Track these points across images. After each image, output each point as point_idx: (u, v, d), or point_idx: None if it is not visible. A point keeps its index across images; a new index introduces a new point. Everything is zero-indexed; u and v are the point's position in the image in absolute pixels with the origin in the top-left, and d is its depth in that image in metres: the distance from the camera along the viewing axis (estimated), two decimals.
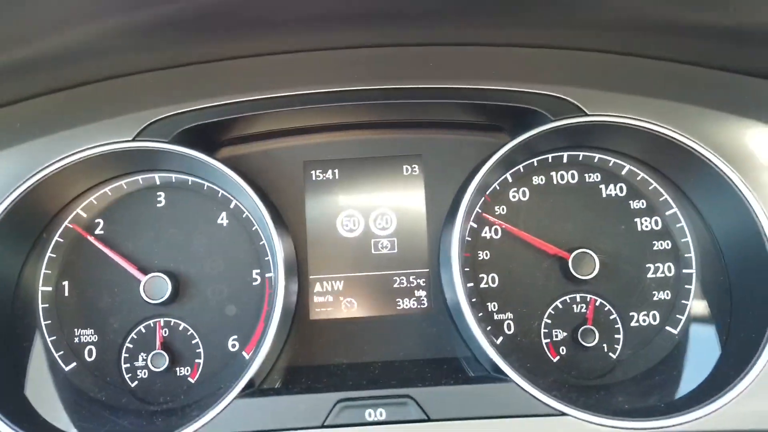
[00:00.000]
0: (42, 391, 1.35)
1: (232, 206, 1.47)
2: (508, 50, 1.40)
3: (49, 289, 1.44)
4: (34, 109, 1.39)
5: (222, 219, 1.50)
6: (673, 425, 1.16)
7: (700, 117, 1.35)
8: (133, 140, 1.36)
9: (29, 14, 1.06)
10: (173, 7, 1.10)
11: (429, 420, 1.18)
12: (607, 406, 1.22)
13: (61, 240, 1.45)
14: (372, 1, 1.20)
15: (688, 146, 1.33)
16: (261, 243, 1.46)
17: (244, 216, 1.47)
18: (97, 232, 1.47)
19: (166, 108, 1.38)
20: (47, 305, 1.43)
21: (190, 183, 1.48)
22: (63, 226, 1.46)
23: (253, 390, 1.24)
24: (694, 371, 1.34)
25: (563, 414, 1.16)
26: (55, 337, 1.44)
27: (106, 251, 1.44)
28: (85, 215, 1.46)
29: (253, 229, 1.47)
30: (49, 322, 1.44)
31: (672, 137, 1.34)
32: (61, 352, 1.44)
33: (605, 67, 1.39)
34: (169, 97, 1.38)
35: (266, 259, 1.44)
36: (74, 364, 1.44)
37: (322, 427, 1.19)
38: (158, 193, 1.51)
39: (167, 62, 1.38)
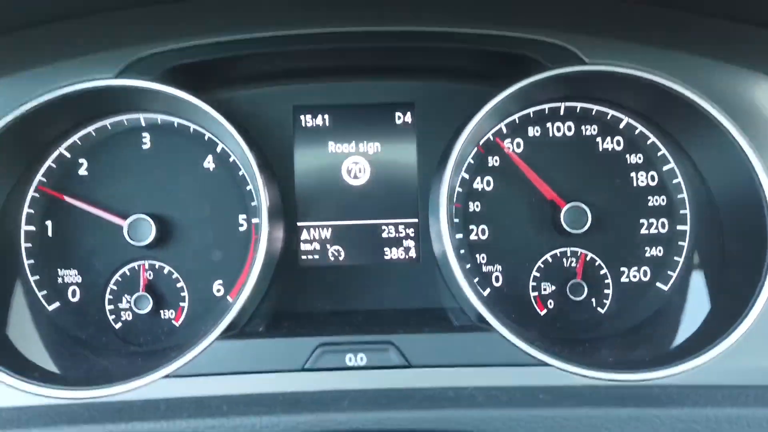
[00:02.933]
0: (24, 331, 1.37)
1: (218, 150, 1.47)
2: None
3: (33, 228, 1.44)
4: (12, 44, 1.36)
5: (208, 162, 1.50)
6: (657, 378, 1.18)
7: (703, 68, 1.33)
8: (116, 77, 1.34)
9: None
10: None
11: (410, 366, 1.20)
12: (591, 359, 1.24)
13: (45, 180, 1.43)
14: None
15: (690, 98, 1.31)
16: (248, 188, 1.46)
17: (230, 160, 1.46)
18: (81, 172, 1.46)
19: (151, 45, 1.36)
20: (30, 245, 1.44)
21: (176, 125, 1.48)
22: (46, 165, 1.45)
23: (234, 332, 1.24)
24: (683, 327, 1.36)
25: (546, 364, 1.17)
26: (38, 277, 1.46)
27: (82, 205, 1.45)
28: (68, 155, 1.45)
29: (240, 173, 1.47)
30: (32, 261, 1.46)
31: (673, 89, 1.32)
32: (44, 292, 1.46)
33: (605, 14, 1.36)
34: (154, 35, 1.36)
35: (253, 204, 1.45)
36: (57, 304, 1.47)
37: (303, 370, 1.20)
38: (143, 135, 1.50)
39: None
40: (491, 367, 1.21)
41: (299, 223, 1.51)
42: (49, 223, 1.48)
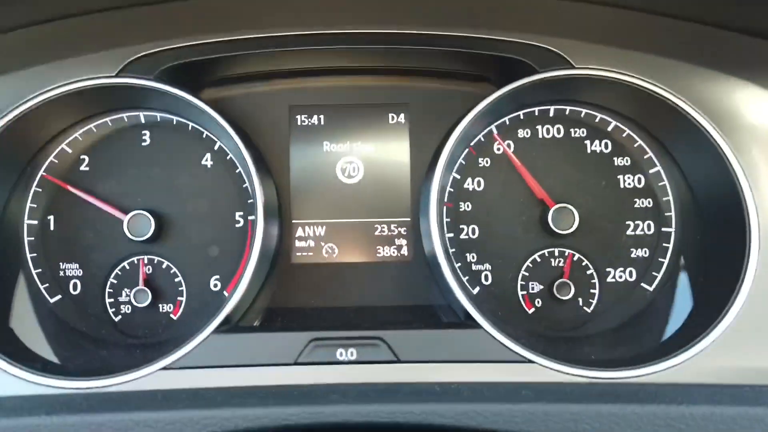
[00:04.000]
0: (26, 322, 1.42)
1: (216, 148, 1.51)
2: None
3: (35, 222, 1.49)
4: (14, 41, 1.41)
5: (206, 160, 1.54)
6: (637, 376, 1.22)
7: (689, 74, 1.37)
8: (116, 76, 1.38)
9: None
10: None
11: (398, 361, 1.24)
12: (574, 356, 1.29)
13: (45, 176, 1.48)
14: None
15: (675, 104, 1.35)
16: (244, 186, 1.50)
17: (228, 158, 1.50)
18: (82, 168, 1.51)
19: (150, 44, 1.39)
20: (33, 238, 1.49)
21: (174, 123, 1.52)
22: (48, 161, 1.50)
23: (230, 326, 1.29)
24: (665, 326, 1.40)
25: (530, 361, 1.21)
26: (40, 270, 1.50)
27: (84, 196, 1.49)
28: (70, 151, 1.50)
29: (237, 171, 1.51)
30: (35, 255, 1.50)
31: (659, 94, 1.36)
32: (47, 285, 1.50)
33: (594, 19, 1.40)
34: (153, 34, 1.40)
35: (249, 201, 1.48)
36: (59, 296, 1.51)
37: (295, 364, 1.24)
38: (143, 132, 1.54)
39: None
40: (477, 363, 1.25)
41: (294, 221, 1.56)
42: (51, 217, 1.52)
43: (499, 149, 1.54)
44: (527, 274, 1.55)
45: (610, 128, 1.54)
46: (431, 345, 1.26)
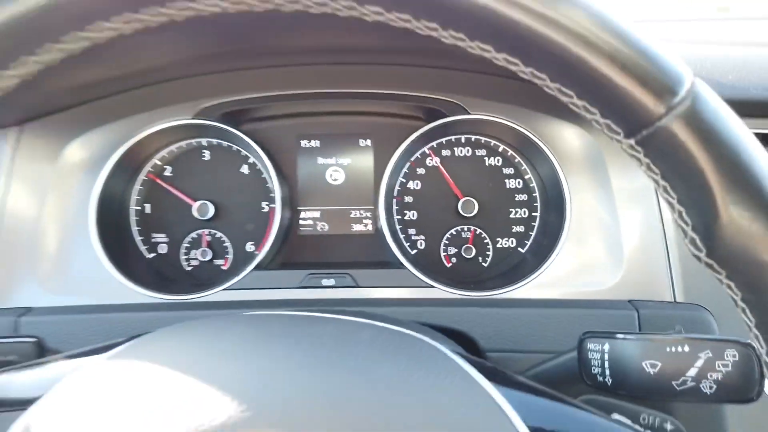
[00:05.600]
0: (135, 268, 1.82)
1: (250, 161, 1.93)
2: (424, 70, 1.80)
3: (138, 208, 1.93)
4: (125, 99, 1.78)
5: (243, 168, 1.96)
6: (497, 293, 1.70)
7: (534, 117, 1.78)
8: (192, 118, 1.80)
9: (141, 53, 1.51)
10: (241, 45, 1.61)
11: (358, 286, 1.73)
12: (461, 286, 1.74)
13: (145, 178, 1.92)
14: (338, 39, 1.58)
15: (528, 136, 1.79)
16: (267, 185, 1.92)
17: (257, 168, 1.93)
18: (167, 174, 1.95)
19: (211, 99, 1.80)
20: (137, 218, 1.93)
21: (224, 145, 1.94)
22: (146, 169, 1.92)
23: (260, 269, 1.80)
24: (525, 272, 1.78)
25: (432, 286, 1.73)
26: (141, 238, 1.94)
27: (169, 188, 1.93)
28: (160, 163, 1.93)
29: (263, 176, 1.93)
30: (138, 228, 1.94)
31: (520, 129, 1.80)
32: (145, 247, 1.94)
33: (482, 83, 1.76)
34: (212, 93, 1.81)
35: (271, 195, 1.89)
36: (153, 254, 1.94)
37: (298, 287, 1.72)
38: (204, 151, 1.97)
39: (208, 71, 1.80)
40: (403, 288, 1.72)
41: (299, 208, 1.97)
42: (147, 205, 1.94)
43: (431, 162, 1.99)
44: (447, 242, 1.97)
45: (500, 149, 1.95)
46: (378, 277, 1.74)
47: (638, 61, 0.51)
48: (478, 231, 2.00)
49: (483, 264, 2.00)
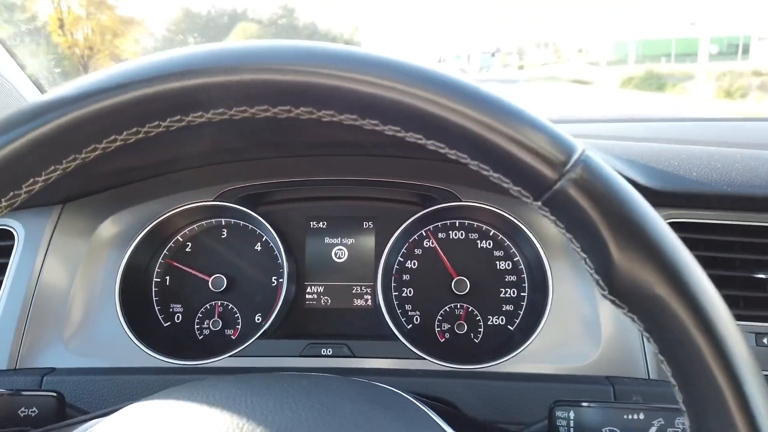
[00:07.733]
0: (152, 335, 1.95)
1: (263, 239, 2.09)
2: (420, 161, 1.98)
3: (158, 280, 2.08)
4: (155, 182, 1.99)
5: (257, 246, 2.12)
6: (480, 366, 1.78)
7: (521, 205, 1.91)
8: (213, 200, 2.01)
9: (171, 146, 1.83)
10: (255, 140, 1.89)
11: (354, 356, 1.83)
12: (451, 359, 1.82)
13: (167, 253, 2.09)
14: (340, 136, 1.77)
15: (514, 221, 1.94)
16: (278, 261, 2.05)
17: (270, 245, 2.07)
18: (187, 250, 2.12)
19: (230, 184, 2.02)
20: (157, 289, 2.07)
21: (241, 224, 2.10)
22: (169, 245, 2.09)
23: (266, 338, 1.89)
24: (513, 346, 2.00)
25: (424, 358, 1.82)
26: (159, 307, 2.09)
27: (185, 269, 2.14)
28: (181, 240, 2.10)
29: (274, 254, 2.07)
30: (158, 298, 2.08)
31: (507, 216, 1.94)
32: (163, 316, 2.08)
33: (472, 173, 1.60)
34: (232, 178, 2.02)
35: (280, 271, 2.02)
36: (169, 323, 2.07)
37: (298, 356, 1.84)
38: (222, 230, 2.15)
39: (228, 160, 2.01)
40: (396, 359, 1.82)
41: (306, 283, 2.11)
42: (167, 278, 2.10)
43: (428, 243, 2.13)
44: (441, 318, 2.07)
45: (491, 233, 2.09)
46: (372, 348, 1.86)
47: (534, 139, 0.64)
48: (470, 308, 2.09)
49: (474, 340, 2.07)
